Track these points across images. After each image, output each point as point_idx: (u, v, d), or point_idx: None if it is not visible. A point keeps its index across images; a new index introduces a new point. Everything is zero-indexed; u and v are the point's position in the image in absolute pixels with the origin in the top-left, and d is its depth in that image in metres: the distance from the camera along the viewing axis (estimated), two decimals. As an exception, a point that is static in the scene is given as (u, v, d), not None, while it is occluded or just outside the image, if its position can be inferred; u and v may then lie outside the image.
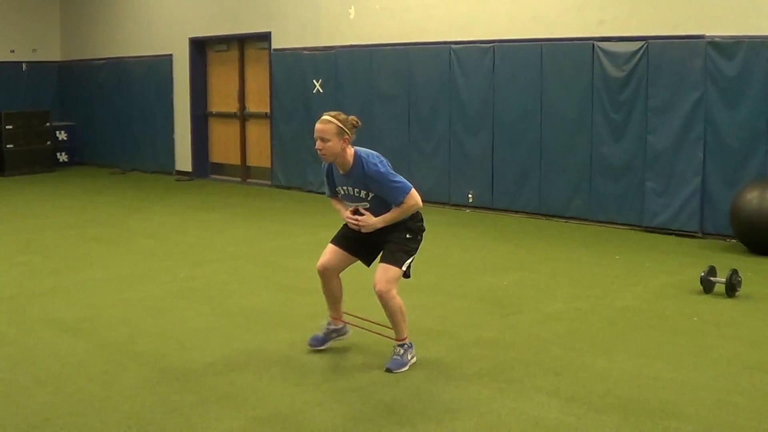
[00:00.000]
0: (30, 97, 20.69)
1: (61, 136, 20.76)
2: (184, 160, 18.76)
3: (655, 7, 11.66)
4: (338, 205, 6.63)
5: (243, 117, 17.79)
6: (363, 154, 6.31)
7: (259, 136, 17.47)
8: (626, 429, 5.20)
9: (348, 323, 6.83)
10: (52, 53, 21.51)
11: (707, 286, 8.40)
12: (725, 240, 11.02)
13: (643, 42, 11.61)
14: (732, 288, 8.27)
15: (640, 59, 11.64)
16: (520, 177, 12.99)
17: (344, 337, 6.81)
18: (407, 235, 6.34)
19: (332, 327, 6.76)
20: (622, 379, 6.05)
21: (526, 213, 13.03)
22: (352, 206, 6.41)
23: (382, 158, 6.34)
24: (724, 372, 6.22)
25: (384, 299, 6.19)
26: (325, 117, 6.33)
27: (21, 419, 5.39)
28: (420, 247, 6.46)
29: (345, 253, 6.56)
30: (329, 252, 6.59)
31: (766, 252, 10.16)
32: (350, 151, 6.32)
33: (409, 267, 6.35)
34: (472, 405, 5.61)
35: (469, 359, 6.47)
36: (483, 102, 13.36)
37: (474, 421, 5.34)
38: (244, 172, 17.91)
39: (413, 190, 6.27)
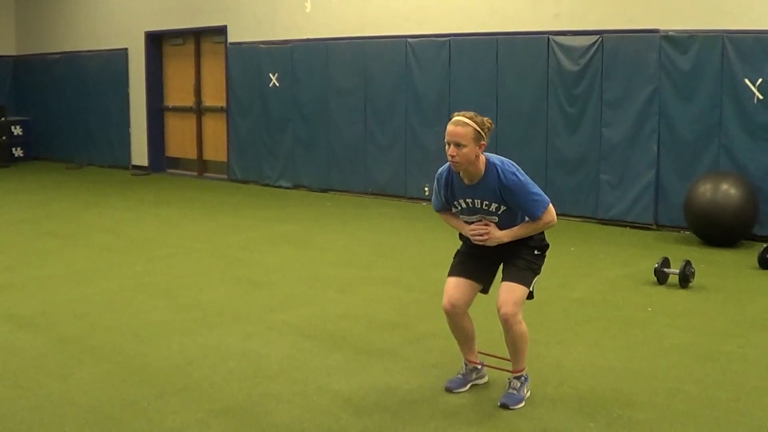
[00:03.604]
0: (-16, 92, 20.55)
1: (17, 131, 20.57)
2: (140, 154, 18.67)
3: (610, 2, 11.76)
4: (453, 220, 5.77)
5: (199, 111, 17.74)
6: (497, 162, 5.43)
7: (215, 130, 17.43)
8: (581, 419, 5.25)
9: (482, 363, 5.94)
10: (7, 48, 21.32)
11: (661, 277, 8.50)
12: (679, 232, 11.14)
13: (598, 36, 11.70)
14: (685, 279, 8.36)
15: (595, 53, 11.73)
16: (477, 170, 13.03)
17: (484, 379, 5.92)
18: (535, 252, 5.57)
19: (470, 367, 5.85)
20: (576, 370, 6.12)
21: (483, 206, 13.06)
22: (473, 219, 5.59)
23: (517, 165, 5.45)
24: (677, 361, 6.29)
25: (509, 324, 5.40)
26: (460, 118, 5.37)
27: (-23, 414, 5.38)
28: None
29: (470, 282, 5.66)
30: (453, 286, 5.65)
31: (719, 243, 10.29)
32: (482, 158, 5.42)
33: (533, 286, 5.58)
34: (428, 395, 5.64)
35: (425, 351, 6.51)
36: (439, 95, 13.40)
37: (430, 411, 5.38)
38: (201, 166, 17.86)
39: (551, 205, 5.45)
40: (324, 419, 5.27)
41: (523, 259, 5.53)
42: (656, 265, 8.53)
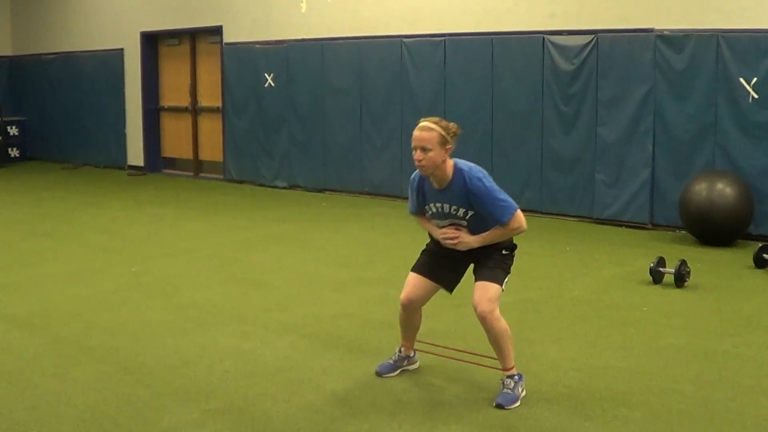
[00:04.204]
0: (-20, 92, 20.52)
1: (12, 131, 20.56)
2: (136, 154, 18.65)
3: (604, 1, 11.76)
4: (426, 224, 5.93)
5: (195, 111, 17.73)
6: (464, 167, 5.54)
7: (211, 130, 17.42)
8: (576, 418, 5.26)
9: (414, 352, 6.20)
10: (3, 48, 21.28)
11: (656, 276, 8.50)
12: (674, 231, 11.14)
13: (593, 35, 11.70)
14: (681, 278, 8.36)
15: (590, 52, 11.73)
16: (472, 170, 13.03)
17: (415, 365, 6.17)
18: (503, 251, 5.68)
19: (403, 355, 6.12)
20: (571, 369, 6.12)
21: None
22: (444, 224, 5.73)
23: (485, 171, 5.56)
24: (672, 361, 6.30)
25: (488, 321, 5.52)
26: (426, 123, 5.52)
27: (-27, 414, 5.37)
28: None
29: (430, 282, 5.87)
30: (413, 283, 5.88)
31: (715, 243, 10.30)
32: (450, 162, 5.54)
33: (505, 285, 5.70)
34: (423, 395, 5.66)
35: (419, 351, 6.51)
36: (434, 95, 13.38)
37: (425, 410, 5.39)
38: (197, 166, 17.85)
39: (519, 211, 5.52)
40: (320, 419, 5.28)
41: (492, 258, 5.66)
42: (652, 265, 8.54)
